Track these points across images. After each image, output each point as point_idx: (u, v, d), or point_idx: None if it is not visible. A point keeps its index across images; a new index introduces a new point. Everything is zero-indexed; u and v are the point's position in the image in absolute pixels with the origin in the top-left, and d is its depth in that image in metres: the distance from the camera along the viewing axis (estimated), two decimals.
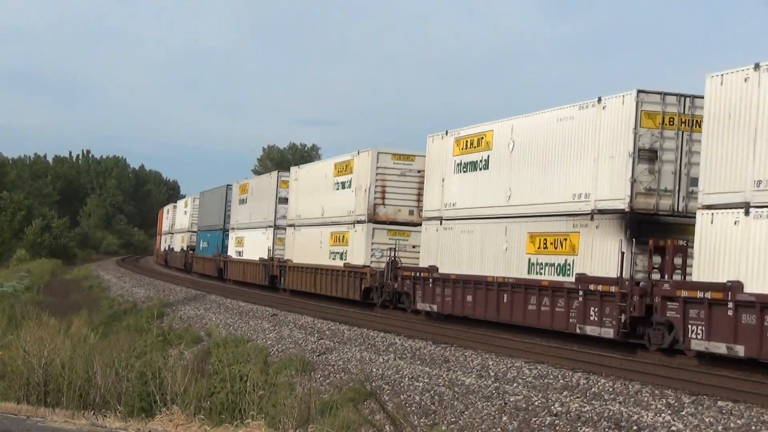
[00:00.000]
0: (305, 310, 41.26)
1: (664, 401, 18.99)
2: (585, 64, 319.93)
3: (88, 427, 17.81)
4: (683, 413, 17.92)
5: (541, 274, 29.51)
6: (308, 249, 49.12)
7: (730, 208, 22.28)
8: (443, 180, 36.04)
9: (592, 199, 27.47)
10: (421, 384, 23.40)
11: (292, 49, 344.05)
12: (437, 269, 35.33)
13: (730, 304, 21.58)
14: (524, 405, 20.03)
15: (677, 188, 26.30)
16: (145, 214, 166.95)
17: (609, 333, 26.09)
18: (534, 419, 18.94)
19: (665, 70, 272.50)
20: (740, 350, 21.35)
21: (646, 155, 26.17)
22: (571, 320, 27.65)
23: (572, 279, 27.82)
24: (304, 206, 51.00)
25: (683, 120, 26.38)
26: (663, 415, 17.87)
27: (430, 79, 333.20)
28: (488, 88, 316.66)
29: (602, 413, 18.46)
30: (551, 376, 22.56)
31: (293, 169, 55.62)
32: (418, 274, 36.78)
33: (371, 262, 41.06)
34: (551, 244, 29.38)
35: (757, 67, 21.94)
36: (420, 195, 39.91)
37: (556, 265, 28.92)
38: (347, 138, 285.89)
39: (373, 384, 23.77)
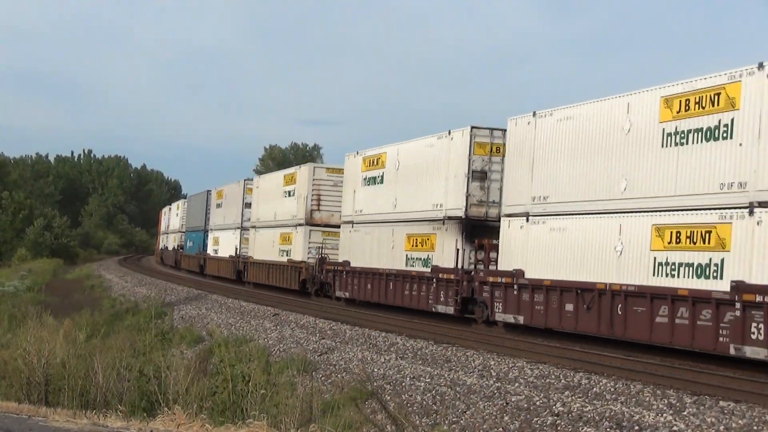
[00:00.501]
0: (306, 309, 41.43)
1: (666, 401, 18.98)
2: (585, 64, 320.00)
3: (89, 426, 17.81)
4: (685, 413, 17.91)
5: (413, 266, 37.64)
6: (265, 247, 58.00)
7: (518, 216, 31.07)
8: (354, 191, 44.08)
9: (444, 208, 35.61)
10: (422, 384, 23.40)
11: (293, 49, 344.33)
12: (349, 263, 43.51)
13: (515, 286, 30.50)
14: (526, 405, 20.03)
15: (501, 201, 33.23)
16: (146, 213, 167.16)
17: (450, 310, 34.69)
18: (535, 419, 18.94)
19: (664, 70, 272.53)
20: (521, 319, 30.23)
21: (478, 175, 34.46)
22: (429, 301, 36.08)
23: (429, 270, 36.02)
24: (263, 211, 59.80)
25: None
26: (664, 415, 17.86)
27: (431, 79, 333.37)
28: (488, 88, 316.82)
29: (604, 413, 18.45)
30: (553, 376, 22.56)
31: (255, 178, 65.39)
32: (336, 268, 45.33)
33: (308, 258, 49.64)
34: (420, 243, 37.51)
35: (534, 114, 30.73)
36: None
37: (422, 259, 37.07)
38: (349, 138, 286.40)
39: (375, 384, 23.77)
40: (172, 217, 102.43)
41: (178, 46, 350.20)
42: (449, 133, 35.91)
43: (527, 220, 30.66)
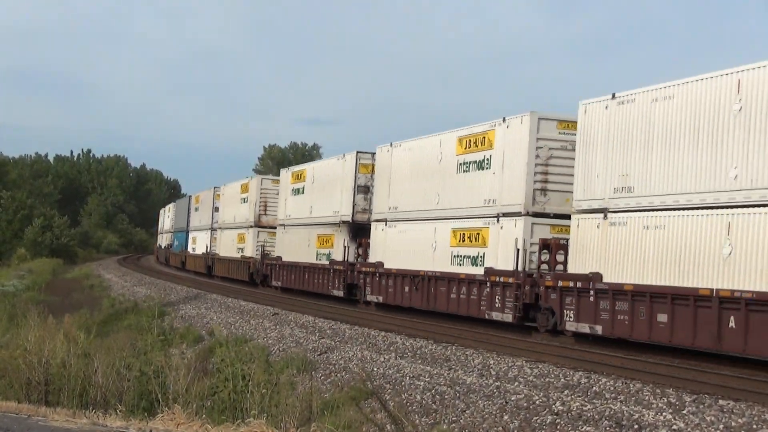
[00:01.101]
0: (306, 309, 41.48)
1: (666, 400, 18.98)
2: (586, 63, 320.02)
3: (89, 426, 17.82)
4: (684, 412, 17.92)
5: (320, 260, 47.69)
6: (227, 246, 67.89)
7: (381, 221, 40.63)
8: (285, 199, 54.37)
9: (340, 214, 45.40)
10: (422, 383, 23.41)
11: (294, 48, 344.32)
12: (281, 258, 53.93)
13: (377, 274, 40.30)
14: (525, 404, 20.04)
15: (372, 209, 42.73)
16: (146, 213, 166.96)
17: (340, 293, 44.29)
18: (535, 418, 18.96)
19: (663, 69, 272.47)
20: (381, 298, 40.31)
21: (362, 189, 43.98)
22: (329, 287, 45.68)
23: (328, 263, 46.07)
24: (226, 214, 69.71)
25: None
26: (664, 413, 17.88)
27: (431, 78, 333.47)
28: (488, 87, 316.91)
29: (603, 412, 18.46)
30: (552, 375, 22.56)
31: (221, 186, 73.24)
32: (273, 262, 55.16)
33: (255, 254, 59.10)
34: (324, 242, 47.70)
35: (391, 144, 40.32)
36: None
37: (325, 254, 47.02)
38: (349, 137, 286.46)
39: (375, 383, 23.79)
40: (166, 219, 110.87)
41: (178, 45, 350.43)
42: (344, 155, 46.13)
43: (386, 224, 39.93)
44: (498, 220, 31.49)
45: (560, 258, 29.68)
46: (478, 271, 32.14)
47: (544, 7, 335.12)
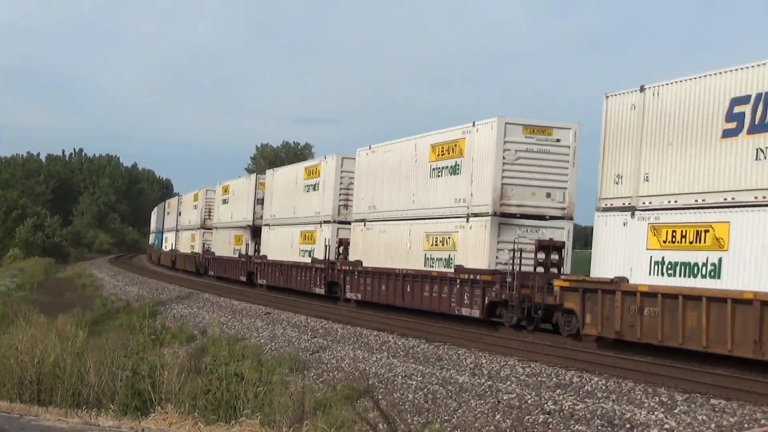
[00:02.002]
0: (298, 308, 41.47)
1: (657, 399, 19.02)
2: (580, 62, 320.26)
3: (81, 425, 17.82)
4: (676, 411, 17.96)
5: (234, 254, 63.16)
6: (185, 244, 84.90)
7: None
8: (218, 207, 70.16)
9: (246, 220, 61.84)
10: (414, 382, 23.42)
11: (287, 48, 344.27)
12: (214, 254, 69.41)
13: (264, 264, 53.62)
14: (517, 403, 20.06)
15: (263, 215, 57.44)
16: (137, 212, 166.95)
17: (243, 278, 58.54)
18: (527, 417, 18.97)
19: (659, 67, 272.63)
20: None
21: (260, 201, 58.25)
22: (239, 275, 60.12)
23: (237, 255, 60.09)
24: (184, 218, 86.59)
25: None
26: (656, 413, 17.91)
27: (425, 77, 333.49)
28: (482, 86, 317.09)
29: (595, 411, 18.49)
30: (544, 375, 22.60)
31: (183, 195, 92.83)
32: (211, 257, 70.79)
33: (202, 250, 75.36)
34: (236, 240, 63.51)
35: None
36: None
37: (239, 250, 62.47)
38: (343, 136, 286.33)
39: (367, 382, 23.78)
40: (152, 220, 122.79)
41: (171, 45, 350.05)
42: (249, 174, 62.33)
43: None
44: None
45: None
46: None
47: (537, 6, 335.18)
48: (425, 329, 31.97)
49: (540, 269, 30.73)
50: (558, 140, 32.59)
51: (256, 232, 58.97)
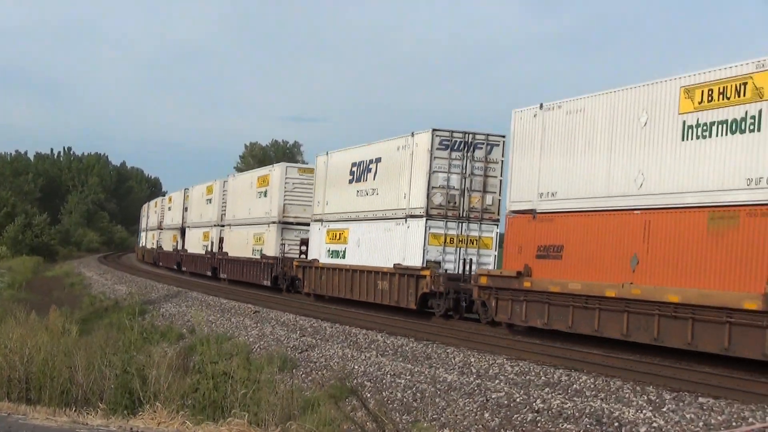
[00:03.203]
0: (286, 307, 41.50)
1: (646, 397, 19.06)
2: (570, 60, 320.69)
3: (69, 424, 17.78)
4: (664, 409, 17.99)
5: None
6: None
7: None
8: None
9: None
10: (402, 381, 23.43)
11: (276, 46, 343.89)
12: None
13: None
14: (506, 402, 20.08)
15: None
16: (126, 211, 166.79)
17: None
18: (516, 416, 19.00)
19: (649, 64, 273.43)
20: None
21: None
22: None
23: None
24: (151, 221, 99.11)
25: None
26: (644, 411, 17.95)
27: (414, 75, 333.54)
28: (471, 85, 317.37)
29: (584, 409, 18.52)
30: (533, 373, 22.62)
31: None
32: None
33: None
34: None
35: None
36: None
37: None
38: (332, 135, 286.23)
39: (355, 381, 23.80)
40: (142, 218, 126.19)
41: (160, 43, 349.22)
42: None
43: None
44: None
45: None
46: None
47: (529, 3, 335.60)
48: (413, 327, 32.02)
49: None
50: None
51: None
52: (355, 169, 41.82)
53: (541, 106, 28.91)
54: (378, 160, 39.56)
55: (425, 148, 35.23)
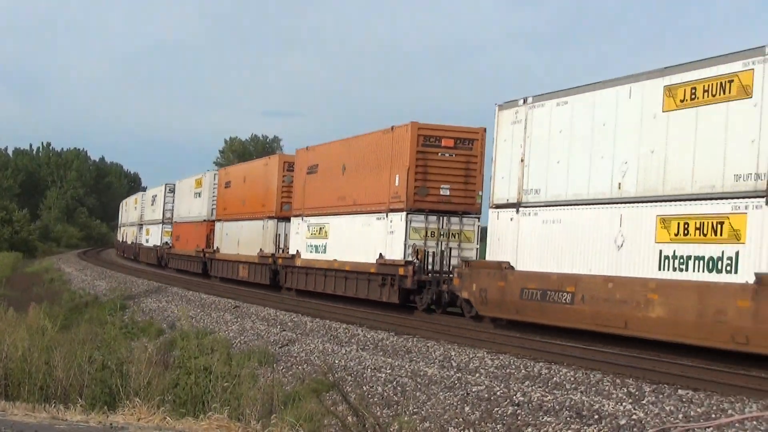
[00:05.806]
0: (266, 302, 41.47)
1: (625, 390, 19.12)
2: (550, 53, 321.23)
3: (48, 420, 17.71)
4: (644, 402, 18.05)
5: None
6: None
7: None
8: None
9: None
10: (383, 375, 23.44)
11: (255, 40, 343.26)
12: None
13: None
14: (486, 395, 20.11)
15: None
16: (106, 206, 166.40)
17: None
18: (496, 409, 19.02)
19: (641, 60, 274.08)
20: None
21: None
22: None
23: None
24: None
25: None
26: (624, 403, 17.99)
27: (395, 70, 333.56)
28: (450, 79, 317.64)
29: (564, 402, 18.56)
30: (513, 366, 22.66)
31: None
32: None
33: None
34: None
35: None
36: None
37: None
38: (312, 129, 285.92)
39: (336, 375, 23.79)
40: (120, 213, 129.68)
41: (138, 38, 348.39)
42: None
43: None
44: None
45: None
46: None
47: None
48: (393, 322, 32.04)
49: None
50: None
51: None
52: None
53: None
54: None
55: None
